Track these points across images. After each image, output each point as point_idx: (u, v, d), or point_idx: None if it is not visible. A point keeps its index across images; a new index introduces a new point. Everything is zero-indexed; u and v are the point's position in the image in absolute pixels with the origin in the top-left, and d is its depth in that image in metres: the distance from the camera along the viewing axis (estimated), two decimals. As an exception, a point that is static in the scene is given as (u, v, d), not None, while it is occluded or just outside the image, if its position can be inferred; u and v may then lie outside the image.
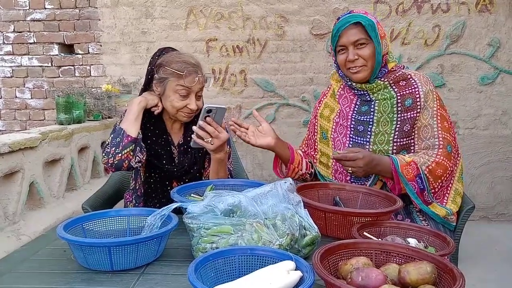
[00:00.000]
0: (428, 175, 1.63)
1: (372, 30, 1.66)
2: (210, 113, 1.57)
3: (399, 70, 1.76)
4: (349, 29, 1.68)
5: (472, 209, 1.75)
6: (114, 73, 3.99)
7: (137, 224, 1.32)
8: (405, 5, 3.69)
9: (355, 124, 1.78)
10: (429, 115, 1.70)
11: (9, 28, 4.02)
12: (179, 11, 3.86)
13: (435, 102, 1.71)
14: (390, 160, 1.64)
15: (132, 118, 1.63)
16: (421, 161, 1.64)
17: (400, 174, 1.61)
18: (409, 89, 1.72)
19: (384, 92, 1.74)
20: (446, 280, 0.94)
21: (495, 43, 3.65)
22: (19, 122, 4.14)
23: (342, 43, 1.71)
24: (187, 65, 1.66)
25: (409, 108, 1.70)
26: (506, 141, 3.76)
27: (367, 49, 1.68)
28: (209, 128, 1.58)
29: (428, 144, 1.68)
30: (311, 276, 0.91)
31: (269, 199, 1.21)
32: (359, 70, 1.70)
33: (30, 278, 1.12)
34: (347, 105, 1.83)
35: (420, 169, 1.62)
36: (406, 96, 1.71)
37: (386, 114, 1.73)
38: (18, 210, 2.39)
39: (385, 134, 1.72)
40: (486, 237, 3.43)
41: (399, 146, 1.71)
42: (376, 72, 1.72)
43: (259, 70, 3.88)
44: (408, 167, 1.61)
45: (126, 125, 1.62)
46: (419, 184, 1.62)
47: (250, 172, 3.85)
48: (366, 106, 1.77)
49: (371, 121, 1.74)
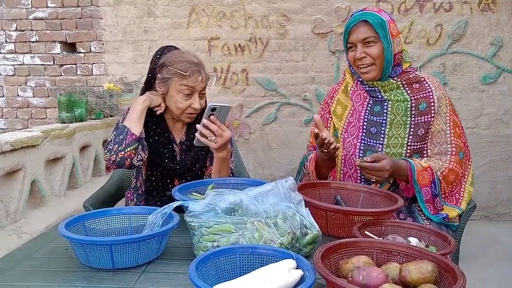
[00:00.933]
0: (442, 180, 1.65)
1: (380, 29, 1.65)
2: (214, 112, 1.57)
3: (412, 72, 1.75)
4: (358, 26, 1.68)
5: (474, 209, 1.76)
6: (116, 72, 3.99)
7: (139, 223, 1.32)
8: (407, 4, 3.68)
9: (368, 125, 1.76)
10: (442, 120, 1.70)
11: (12, 27, 4.02)
12: (181, 9, 3.86)
13: (448, 108, 1.73)
14: (407, 165, 1.64)
15: (136, 116, 1.63)
16: (436, 167, 1.66)
17: (415, 181, 1.63)
18: (423, 93, 1.71)
19: (397, 93, 1.73)
20: (447, 279, 0.94)
21: (498, 43, 3.64)
22: (21, 121, 4.15)
23: (351, 40, 1.71)
24: (190, 64, 1.66)
25: (423, 112, 1.70)
26: (508, 140, 3.76)
27: (375, 48, 1.67)
28: (213, 127, 1.58)
29: (441, 150, 1.69)
30: (312, 275, 0.91)
31: (270, 198, 1.21)
32: (368, 70, 1.70)
33: (32, 276, 1.12)
34: (360, 103, 1.80)
35: (435, 175, 1.64)
36: (420, 100, 1.71)
37: (400, 116, 1.72)
38: (19, 209, 2.40)
39: (398, 138, 1.72)
40: (487, 237, 3.43)
41: (412, 149, 1.71)
42: (387, 71, 1.70)
43: (260, 69, 3.87)
44: (425, 173, 1.63)
45: (130, 123, 1.62)
46: (432, 189, 1.63)
47: (252, 171, 3.85)
48: (379, 106, 1.76)
49: (384, 122, 1.73)
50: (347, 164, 1.80)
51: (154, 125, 1.75)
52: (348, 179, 1.79)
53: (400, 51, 1.71)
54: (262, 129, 3.95)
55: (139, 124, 1.64)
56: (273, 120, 3.92)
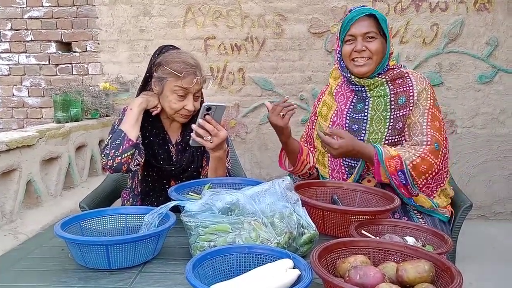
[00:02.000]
0: (412, 170, 1.60)
1: (384, 24, 1.69)
2: (209, 111, 1.56)
3: (397, 69, 1.77)
4: (362, 20, 1.69)
5: (470, 208, 1.76)
6: (111, 71, 3.98)
7: (135, 223, 1.31)
8: (404, 3, 3.69)
9: (350, 122, 1.78)
10: (419, 112, 1.70)
11: (6, 26, 4.00)
12: (177, 9, 3.85)
13: (428, 101, 1.71)
14: (374, 151, 1.63)
15: (132, 120, 1.63)
16: (406, 156, 1.62)
17: (383, 167, 1.60)
18: (403, 87, 1.73)
19: (380, 90, 1.75)
20: (444, 279, 0.94)
21: (493, 42, 3.65)
22: (16, 121, 4.13)
23: (352, 32, 1.71)
24: (186, 65, 1.65)
25: (402, 106, 1.71)
26: (504, 140, 3.77)
27: (375, 43, 1.69)
28: (208, 126, 1.57)
29: (417, 141, 1.67)
30: (309, 275, 0.91)
31: (267, 198, 1.21)
32: (364, 63, 1.71)
33: (27, 277, 1.11)
34: (343, 102, 1.84)
35: (404, 164, 1.60)
36: (399, 94, 1.72)
37: (380, 112, 1.74)
38: (15, 209, 2.39)
39: (378, 133, 1.73)
40: (484, 236, 3.44)
41: (391, 143, 1.72)
42: (381, 67, 1.73)
43: (257, 68, 3.87)
44: (392, 161, 1.60)
45: (127, 127, 1.61)
46: (401, 178, 1.60)
47: (248, 171, 3.85)
48: (361, 103, 1.78)
49: (365, 119, 1.75)
50: (333, 161, 1.83)
51: (150, 126, 1.74)
52: (336, 174, 1.82)
53: (391, 51, 1.76)
54: (259, 129, 3.94)
55: (135, 128, 1.63)
56: (270, 119, 3.91)
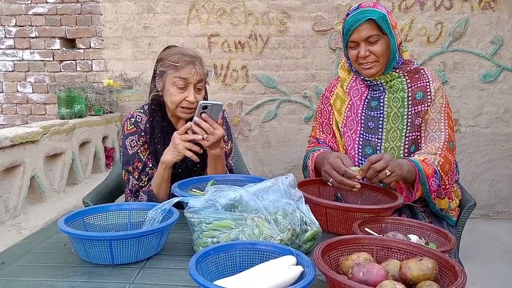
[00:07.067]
0: (441, 171, 1.60)
1: (384, 23, 1.63)
2: (205, 110, 1.56)
3: (412, 64, 1.75)
4: (360, 25, 1.65)
5: (473, 207, 1.75)
6: (115, 68, 3.98)
7: (138, 218, 1.31)
8: (408, 1, 3.68)
9: (365, 120, 1.75)
10: (437, 109, 1.69)
11: (11, 22, 4.01)
12: (181, 6, 3.85)
13: (444, 100, 1.72)
14: (409, 162, 1.55)
15: (159, 181, 1.64)
16: (431, 158, 1.59)
17: (422, 174, 1.53)
18: (420, 83, 1.71)
19: (397, 82, 1.72)
20: (448, 276, 0.94)
21: (498, 41, 3.63)
22: (20, 117, 4.14)
23: (353, 39, 1.67)
24: (183, 56, 1.65)
25: (420, 102, 1.70)
26: (508, 139, 3.76)
27: (379, 45, 1.65)
28: (204, 125, 1.56)
29: (434, 137, 1.66)
30: (312, 271, 0.91)
31: (270, 194, 1.21)
32: (371, 66, 1.68)
33: (31, 272, 1.11)
34: (358, 97, 1.80)
35: (433, 165, 1.58)
36: (416, 90, 1.71)
37: (397, 109, 1.71)
38: (19, 204, 2.40)
39: (397, 130, 1.71)
40: (487, 235, 3.43)
41: (410, 140, 1.70)
42: (392, 64, 1.70)
43: (261, 66, 3.87)
44: (424, 163, 1.57)
45: (157, 190, 1.64)
46: (437, 180, 1.57)
47: (251, 169, 3.85)
48: (375, 101, 1.75)
49: (382, 116, 1.73)
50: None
51: (159, 130, 1.73)
52: None
53: (400, 42, 1.72)
54: (262, 127, 3.94)
55: (165, 189, 1.65)
56: (273, 117, 3.91)
